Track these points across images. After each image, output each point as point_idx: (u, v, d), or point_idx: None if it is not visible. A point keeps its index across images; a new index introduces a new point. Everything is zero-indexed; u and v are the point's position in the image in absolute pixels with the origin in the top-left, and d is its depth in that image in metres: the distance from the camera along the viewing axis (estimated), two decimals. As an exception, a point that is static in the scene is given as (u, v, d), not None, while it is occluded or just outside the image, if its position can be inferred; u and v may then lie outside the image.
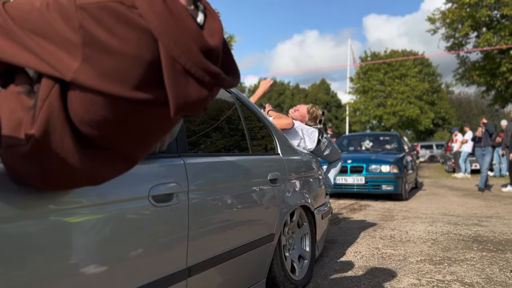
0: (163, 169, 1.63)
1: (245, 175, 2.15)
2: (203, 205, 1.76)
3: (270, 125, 2.73)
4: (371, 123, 32.32)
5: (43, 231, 1.12)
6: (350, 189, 7.50)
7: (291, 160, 2.78)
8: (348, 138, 10.08)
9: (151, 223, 1.47)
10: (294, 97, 48.18)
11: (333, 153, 3.92)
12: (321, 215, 3.12)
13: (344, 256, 3.53)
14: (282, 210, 2.41)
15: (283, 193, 2.46)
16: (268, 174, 2.32)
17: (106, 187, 1.26)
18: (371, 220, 5.40)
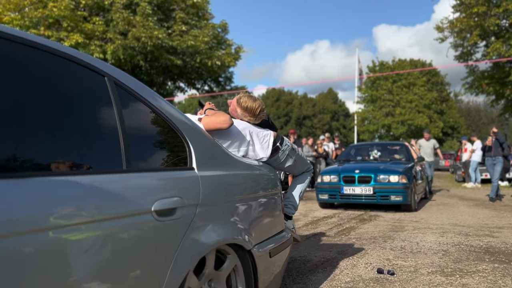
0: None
1: (96, 207, 1.32)
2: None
3: (185, 126, 1.92)
4: (380, 132, 32.22)
5: (40, 250, 1.13)
6: (358, 199, 7.44)
7: (218, 176, 1.98)
8: (355, 148, 10.04)
9: None
10: (302, 106, 48.22)
11: (299, 164, 3.05)
12: (267, 253, 2.23)
13: (355, 268, 3.53)
14: (183, 257, 1.60)
15: (187, 229, 1.66)
16: (153, 202, 1.51)
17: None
18: (381, 231, 5.39)
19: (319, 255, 4.03)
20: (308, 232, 5.35)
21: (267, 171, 2.59)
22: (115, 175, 1.48)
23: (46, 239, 1.17)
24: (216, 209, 1.91)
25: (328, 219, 6.54)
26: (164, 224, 1.56)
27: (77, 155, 1.40)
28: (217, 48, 16.36)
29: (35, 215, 1.15)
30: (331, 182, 7.68)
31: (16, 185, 1.14)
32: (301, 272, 3.41)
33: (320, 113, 48.08)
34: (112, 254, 1.35)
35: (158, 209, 1.53)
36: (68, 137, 1.38)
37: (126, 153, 1.54)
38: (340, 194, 7.53)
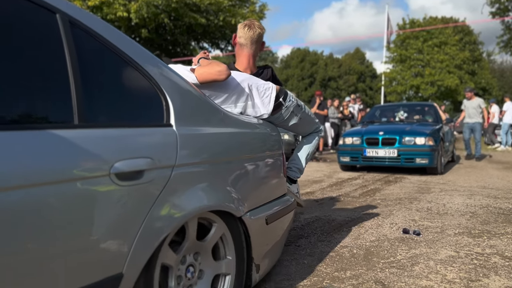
0: None
1: (34, 168, 1.12)
2: None
3: (162, 76, 1.65)
4: (408, 94, 31.44)
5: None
6: (381, 162, 7.27)
7: (203, 135, 1.75)
8: (381, 109, 9.74)
9: None
10: (328, 67, 47.26)
11: (305, 123, 2.76)
12: (263, 219, 2.04)
13: (380, 227, 3.53)
14: (153, 228, 1.40)
15: (159, 194, 1.44)
16: (112, 164, 1.30)
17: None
18: (406, 192, 5.34)
19: (344, 215, 4.05)
20: (332, 193, 5.36)
21: (267, 130, 2.34)
22: (62, 130, 1.22)
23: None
24: (199, 172, 1.67)
25: (353, 181, 6.52)
26: (127, 189, 1.33)
27: (9, 105, 1.16)
28: (241, 6, 16.02)
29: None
30: (354, 144, 7.52)
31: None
32: (326, 230, 3.43)
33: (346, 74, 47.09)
34: (56, 226, 1.14)
35: (119, 172, 1.30)
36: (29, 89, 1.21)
37: (79, 105, 1.29)
38: (362, 156, 7.38)
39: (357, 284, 2.30)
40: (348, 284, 2.30)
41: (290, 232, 3.38)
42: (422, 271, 2.48)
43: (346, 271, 2.50)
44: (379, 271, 2.50)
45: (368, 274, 2.44)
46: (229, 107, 2.32)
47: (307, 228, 3.51)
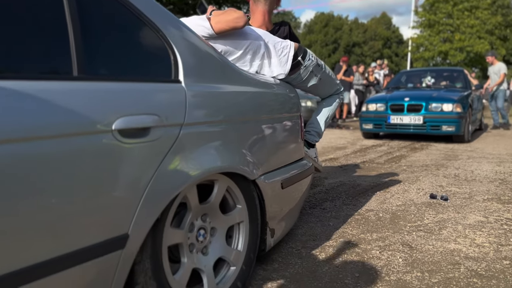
0: None
1: (32, 121, 1.03)
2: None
3: (170, 28, 1.53)
4: (435, 60, 30.49)
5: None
6: (405, 129, 7.06)
7: (215, 93, 1.64)
8: (407, 74, 9.38)
9: None
10: (352, 32, 46.05)
11: (326, 84, 2.62)
12: (279, 183, 1.96)
13: (406, 193, 3.50)
14: (160, 188, 1.33)
15: (167, 153, 1.37)
16: (114, 120, 1.21)
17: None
18: (433, 159, 5.26)
19: (369, 180, 4.02)
20: (356, 159, 5.33)
21: (284, 90, 2.22)
22: (59, 82, 1.13)
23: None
24: (210, 132, 1.58)
25: (377, 148, 6.45)
26: (131, 147, 1.25)
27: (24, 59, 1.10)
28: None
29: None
30: (377, 111, 7.31)
31: None
32: (351, 194, 3.43)
33: (371, 40, 45.84)
34: (55, 184, 1.07)
35: (122, 128, 1.22)
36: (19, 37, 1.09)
37: (79, 55, 1.20)
38: (386, 123, 7.18)
39: (383, 245, 2.31)
40: (375, 245, 2.31)
41: (315, 195, 3.39)
42: (450, 235, 2.47)
43: (372, 233, 2.50)
44: (406, 234, 2.50)
45: (394, 237, 2.44)
46: (244, 66, 2.23)
47: (332, 192, 3.51)
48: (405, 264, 2.07)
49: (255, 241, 1.85)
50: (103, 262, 1.19)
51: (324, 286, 1.83)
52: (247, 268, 1.79)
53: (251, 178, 1.77)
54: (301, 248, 2.27)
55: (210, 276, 1.62)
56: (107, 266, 1.21)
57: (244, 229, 1.80)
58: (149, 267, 1.36)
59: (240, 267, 1.75)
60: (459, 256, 2.16)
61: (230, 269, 1.73)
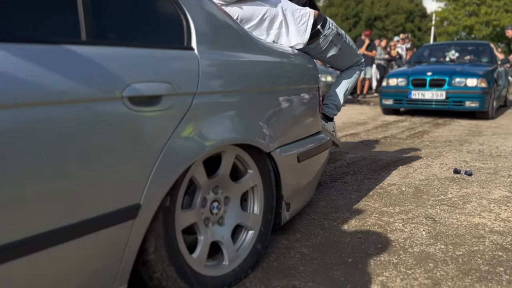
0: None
1: (32, 87, 0.98)
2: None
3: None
4: (460, 35, 29.59)
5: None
6: (427, 105, 6.84)
7: (229, 61, 1.58)
8: (430, 48, 9.05)
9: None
10: (374, 5, 44.87)
11: (346, 54, 2.51)
12: (295, 157, 1.92)
13: (429, 167, 3.46)
14: (172, 159, 1.30)
15: (179, 123, 1.32)
16: (124, 87, 1.17)
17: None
18: (457, 135, 5.17)
19: (391, 155, 3.99)
20: (377, 134, 5.27)
21: (303, 61, 2.14)
22: (67, 46, 1.08)
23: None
24: (225, 102, 1.54)
25: (399, 123, 6.36)
26: (142, 115, 1.21)
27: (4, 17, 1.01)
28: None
29: None
30: (398, 86, 7.10)
31: None
32: (372, 169, 3.41)
33: (394, 14, 44.61)
34: (63, 151, 1.04)
35: (133, 96, 1.18)
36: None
37: (87, 18, 1.15)
38: (407, 99, 6.97)
39: (406, 218, 2.30)
40: (398, 218, 2.30)
41: (336, 169, 3.38)
42: (474, 209, 2.44)
43: (395, 207, 2.49)
44: (429, 207, 2.48)
45: (418, 210, 2.43)
46: (261, 35, 2.17)
47: (353, 166, 3.50)
48: (428, 236, 2.06)
49: (270, 202, 1.82)
50: (115, 231, 1.17)
51: (347, 256, 1.85)
52: (266, 229, 1.79)
53: (266, 150, 1.72)
54: (323, 219, 2.28)
55: (230, 246, 1.63)
56: (119, 236, 1.19)
57: (259, 192, 1.76)
58: (165, 255, 1.35)
59: (258, 229, 1.75)
60: (484, 230, 2.14)
61: (249, 233, 1.73)
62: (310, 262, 1.79)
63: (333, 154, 3.97)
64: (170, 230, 1.37)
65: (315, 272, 1.71)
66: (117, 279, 1.23)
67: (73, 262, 1.10)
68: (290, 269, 1.73)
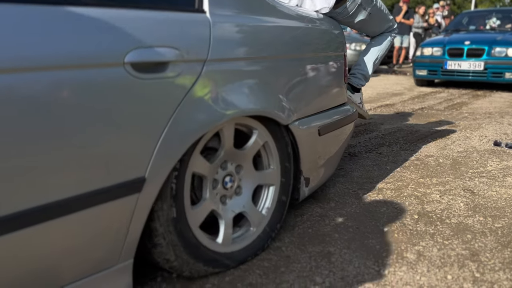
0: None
1: (33, 49, 0.93)
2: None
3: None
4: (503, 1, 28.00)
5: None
6: (463, 76, 6.48)
7: (245, 26, 1.48)
8: (469, 15, 8.51)
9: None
10: (412, -28, 42.83)
11: (376, 20, 2.35)
12: (315, 130, 1.81)
13: (468, 139, 3.37)
14: (180, 127, 1.22)
15: (187, 92, 1.24)
16: (126, 51, 1.08)
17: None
18: (497, 107, 4.98)
19: (428, 126, 3.90)
20: (414, 105, 5.14)
21: (328, 27, 2.00)
22: (63, 7, 0.99)
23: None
24: (237, 69, 1.43)
25: (436, 94, 6.17)
26: (146, 83, 1.13)
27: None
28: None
29: None
30: (433, 56, 6.73)
31: None
32: (409, 140, 3.35)
33: (433, -20, 42.54)
34: (61, 120, 0.98)
35: (136, 61, 1.10)
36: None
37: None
38: (442, 69, 6.59)
39: (444, 190, 2.26)
40: (435, 189, 2.27)
41: (370, 140, 3.34)
42: (515, 182, 2.38)
43: (432, 178, 2.45)
44: (467, 179, 2.43)
45: (455, 182, 2.39)
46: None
47: (389, 137, 3.44)
48: (466, 208, 2.03)
49: (286, 192, 1.73)
50: (118, 205, 1.12)
51: (383, 225, 1.85)
52: (287, 180, 1.71)
53: (284, 123, 1.62)
54: (358, 189, 2.28)
55: (253, 211, 1.59)
56: (122, 210, 1.14)
57: (271, 148, 1.64)
58: (170, 194, 1.28)
59: (279, 182, 1.68)
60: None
61: (270, 189, 1.66)
62: (345, 230, 1.81)
63: (367, 124, 3.91)
64: (182, 164, 1.30)
65: (350, 240, 1.72)
66: (122, 253, 1.19)
67: (75, 235, 1.06)
68: (325, 236, 1.75)
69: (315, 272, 1.49)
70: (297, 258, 1.58)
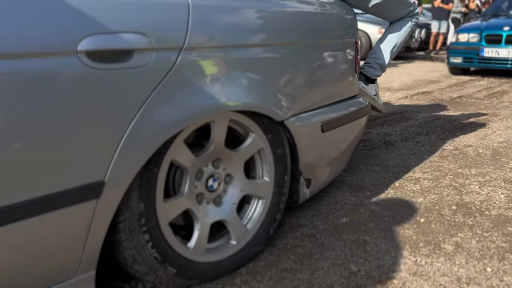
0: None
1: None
2: None
3: None
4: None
5: None
6: (501, 64, 6.06)
7: (231, 8, 1.29)
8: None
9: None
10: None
11: (394, 3, 2.14)
12: (318, 126, 1.62)
13: (509, 130, 3.25)
14: (149, 125, 1.07)
15: (158, 86, 1.07)
16: (80, 38, 0.93)
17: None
18: (542, 95, 4.77)
19: (467, 115, 3.78)
20: (452, 93, 4.99)
21: (339, 10, 1.79)
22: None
23: None
24: (221, 58, 1.23)
25: (475, 82, 5.96)
26: (106, 74, 0.97)
27: None
28: None
29: None
30: (469, 42, 6.32)
31: None
32: (447, 129, 3.26)
33: (474, -38, 40.66)
34: (2, 119, 0.85)
35: (92, 49, 0.94)
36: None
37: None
38: (478, 57, 6.19)
39: (483, 181, 2.20)
40: (474, 180, 2.21)
41: (407, 129, 3.28)
42: (560, 175, 2.28)
43: (471, 169, 2.39)
44: (508, 171, 2.35)
45: (496, 173, 2.32)
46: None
47: (426, 126, 3.36)
48: (507, 200, 1.97)
49: (281, 185, 1.55)
50: (73, 212, 0.98)
51: (420, 215, 1.82)
52: (278, 203, 1.55)
53: (278, 119, 1.44)
54: (394, 179, 2.25)
55: (236, 223, 1.42)
56: (78, 217, 1.00)
57: (267, 164, 1.48)
58: (147, 247, 1.17)
59: (269, 201, 1.51)
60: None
61: (258, 203, 1.49)
62: (380, 219, 1.79)
63: (403, 113, 3.83)
64: (151, 165, 1.14)
65: (386, 229, 1.71)
66: (81, 265, 1.05)
67: (22, 245, 0.92)
68: (360, 224, 1.75)
69: (350, 260, 1.49)
70: (332, 246, 1.58)
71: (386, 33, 2.31)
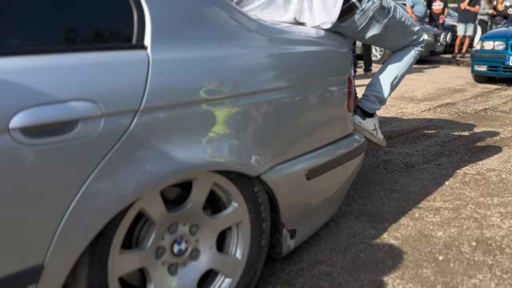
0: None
1: None
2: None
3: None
4: None
5: None
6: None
7: (198, 61, 1.16)
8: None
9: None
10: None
11: (395, 33, 1.99)
12: (303, 175, 1.51)
13: (535, 150, 3.19)
14: (92, 202, 0.97)
15: (108, 155, 0.98)
16: (12, 114, 0.84)
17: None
18: None
19: (491, 133, 3.71)
20: (477, 105, 4.90)
21: (329, 46, 1.69)
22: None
23: None
24: (183, 116, 1.12)
25: (501, 91, 5.83)
26: (41, 150, 0.88)
27: None
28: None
29: None
30: (494, 50, 6.13)
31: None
32: (470, 150, 3.22)
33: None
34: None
35: (26, 126, 0.85)
36: None
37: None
38: (504, 65, 5.98)
39: (505, 212, 2.18)
40: (495, 211, 2.19)
41: (429, 148, 3.25)
42: None
43: (493, 197, 2.37)
44: (532, 201, 2.32)
45: (519, 203, 2.29)
46: (276, 13, 1.76)
47: (449, 145, 3.33)
48: (529, 236, 1.95)
49: (259, 249, 1.44)
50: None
51: (438, 252, 1.83)
52: (249, 278, 1.43)
53: (253, 174, 1.33)
54: (413, 208, 2.25)
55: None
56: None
57: (244, 231, 1.39)
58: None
59: (237, 278, 1.39)
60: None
61: (224, 281, 1.36)
62: (399, 256, 1.80)
63: (427, 128, 3.80)
64: (100, 243, 1.04)
65: (403, 268, 1.72)
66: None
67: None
68: (378, 262, 1.76)
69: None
70: (349, 287, 1.61)
71: (386, 64, 2.18)
